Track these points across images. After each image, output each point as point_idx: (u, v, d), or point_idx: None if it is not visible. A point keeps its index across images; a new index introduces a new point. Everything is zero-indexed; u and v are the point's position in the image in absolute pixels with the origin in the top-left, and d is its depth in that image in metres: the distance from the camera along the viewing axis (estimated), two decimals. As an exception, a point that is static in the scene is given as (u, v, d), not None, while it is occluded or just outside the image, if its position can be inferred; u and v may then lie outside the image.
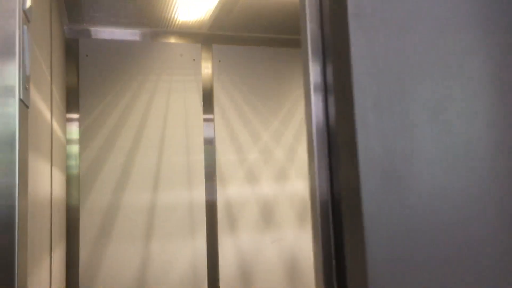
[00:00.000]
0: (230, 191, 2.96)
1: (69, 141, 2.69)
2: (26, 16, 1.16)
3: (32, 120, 1.36)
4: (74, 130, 2.71)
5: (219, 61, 3.02)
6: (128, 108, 2.81)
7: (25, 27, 1.14)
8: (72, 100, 2.72)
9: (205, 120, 2.96)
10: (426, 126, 0.84)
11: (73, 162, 2.69)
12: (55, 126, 2.16)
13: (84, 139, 2.72)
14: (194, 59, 2.96)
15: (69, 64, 2.73)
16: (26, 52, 1.16)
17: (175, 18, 2.74)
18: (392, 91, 0.85)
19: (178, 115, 2.90)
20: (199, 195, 2.89)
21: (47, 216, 1.74)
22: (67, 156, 2.68)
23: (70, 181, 2.67)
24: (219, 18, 2.77)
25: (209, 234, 2.89)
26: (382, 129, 0.84)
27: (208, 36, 3.01)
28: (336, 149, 0.96)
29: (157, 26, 2.86)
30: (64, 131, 2.63)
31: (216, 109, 2.99)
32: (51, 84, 1.99)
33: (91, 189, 2.70)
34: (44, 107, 1.72)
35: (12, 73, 1.06)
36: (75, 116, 2.72)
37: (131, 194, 2.76)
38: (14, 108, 1.05)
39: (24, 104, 1.14)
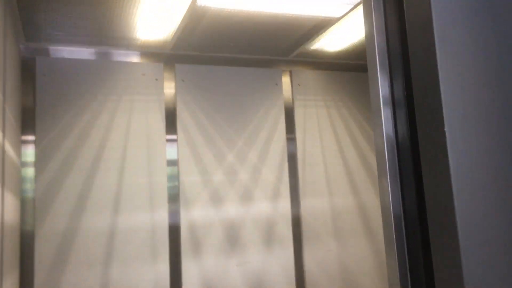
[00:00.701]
0: (194, 213, 2.89)
1: (24, 164, 2.58)
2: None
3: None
4: (29, 153, 2.60)
5: (183, 80, 2.98)
6: (88, 128, 2.72)
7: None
8: (28, 121, 2.62)
9: (168, 140, 2.90)
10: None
11: (28, 186, 2.57)
12: (8, 148, 2.06)
13: (40, 162, 2.61)
14: (156, 79, 2.91)
15: (25, 83, 2.64)
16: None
17: (137, 37, 2.70)
18: (479, 109, 0.84)
19: (140, 136, 2.83)
20: (162, 217, 2.80)
21: (-5, 242, 1.64)
22: (22, 180, 2.56)
23: (25, 205, 2.55)
24: (182, 38, 2.74)
25: (172, 257, 2.80)
26: (471, 145, 0.83)
27: (171, 56, 2.97)
28: (409, 165, 0.96)
29: (118, 45, 2.81)
30: (19, 153, 2.51)
31: (179, 129, 2.93)
32: (3, 103, 1.90)
33: (47, 213, 2.58)
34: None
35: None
36: (31, 137, 2.61)
37: (89, 217, 2.65)
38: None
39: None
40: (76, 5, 2.25)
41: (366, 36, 1.08)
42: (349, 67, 3.48)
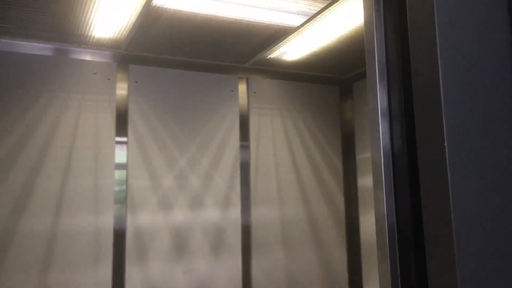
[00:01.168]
0: (141, 218, 2.82)
1: (-39, 159, 2.44)
2: None
3: None
4: (-32, 148, 2.47)
5: (136, 82, 2.92)
6: (32, 126, 2.61)
7: None
8: (-33, 114, 2.49)
9: (118, 142, 2.82)
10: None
11: (-35, 183, 2.43)
12: None
13: (-21, 158, 2.48)
14: (109, 79, 2.84)
15: (-33, 75, 2.51)
16: None
17: (90, 34, 2.62)
18: (481, 124, 0.84)
19: (88, 136, 2.74)
20: (107, 221, 2.72)
21: None
22: (-42, 176, 2.43)
23: (-40, 203, 2.41)
24: (137, 38, 2.68)
25: (115, 263, 2.71)
26: (474, 157, 0.82)
27: (125, 56, 2.90)
28: (404, 177, 0.96)
29: (70, 42, 2.72)
30: (-44, 148, 2.38)
31: (130, 131, 2.86)
32: None
33: (-17, 213, 2.45)
34: None
35: None
36: (-30, 132, 2.48)
37: (29, 219, 2.54)
38: None
39: None
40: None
41: (366, 47, 1.09)
42: (305, 78, 3.51)
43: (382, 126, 1.02)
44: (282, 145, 3.33)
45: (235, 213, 3.08)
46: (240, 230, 3.09)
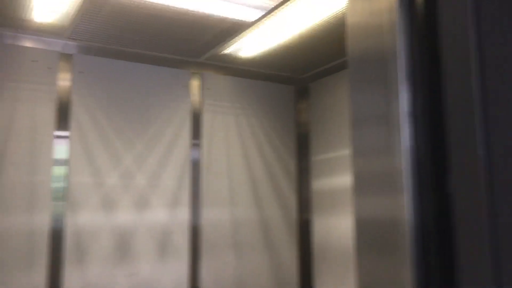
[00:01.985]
0: (81, 218, 2.63)
1: None
2: None
3: None
4: None
5: (81, 72, 2.73)
6: (-38, 115, 2.39)
7: None
8: None
9: (59, 137, 2.63)
10: None
11: None
12: None
13: None
14: (49, 68, 2.64)
15: None
16: None
17: (31, 19, 2.42)
18: None
19: (24, 129, 2.53)
20: (43, 221, 2.52)
21: None
22: None
23: None
24: (83, 26, 2.50)
25: (51, 265, 2.52)
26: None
27: (69, 44, 2.71)
28: (426, 181, 0.90)
29: (8, 26, 2.51)
30: None
31: (72, 125, 2.68)
32: None
33: None
34: None
35: None
36: None
37: (-45, 217, 2.32)
38: None
39: None
40: (-46, -27, 1.95)
41: (386, 39, 1.00)
42: (260, 76, 3.41)
43: (404, 127, 0.97)
44: (235, 144, 3.22)
45: (184, 214, 2.95)
46: (188, 232, 2.95)
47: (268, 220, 3.29)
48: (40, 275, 2.48)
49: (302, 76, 3.55)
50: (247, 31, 2.60)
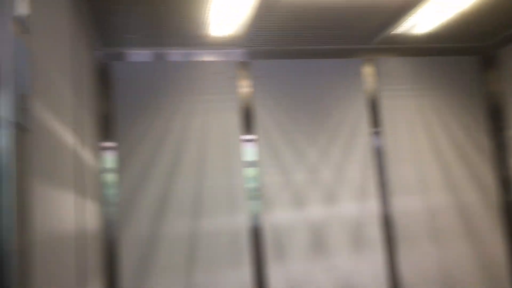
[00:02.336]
0: (275, 216, 2.74)
1: (106, 170, 2.58)
2: (23, 26, 1.01)
3: (45, 146, 1.22)
4: (111, 158, 2.59)
5: (258, 77, 2.85)
6: (164, 132, 2.68)
7: (22, 39, 0.99)
8: (107, 127, 2.62)
9: (246, 140, 2.78)
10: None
11: (111, 191, 2.56)
12: (87, 154, 2.04)
13: (121, 167, 2.60)
14: (231, 77, 2.81)
15: (102, 89, 2.64)
16: (25, 68, 1.01)
17: (208, 35, 2.61)
18: None
19: (216, 137, 2.74)
20: (241, 220, 2.69)
21: (71, 250, 1.59)
22: (105, 186, 2.56)
23: (107, 211, 2.55)
24: (255, 33, 2.60)
25: (254, 263, 2.68)
26: None
27: (245, 52, 2.85)
28: None
29: (191, 45, 2.74)
30: (99, 159, 2.51)
31: (257, 128, 2.81)
32: (78, 109, 1.87)
33: (130, 219, 2.57)
34: (67, 134, 1.58)
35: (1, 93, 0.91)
36: (111, 144, 2.61)
37: (171, 222, 2.60)
38: (4, 131, 0.90)
39: (22, 127, 0.98)
40: (146, 6, 2.19)
41: None
42: (439, 51, 3.15)
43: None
44: (419, 127, 3.03)
45: (372, 205, 2.87)
46: (379, 223, 2.87)
47: (465, 206, 3.02)
48: (245, 272, 2.65)
49: (487, 43, 3.19)
50: (420, 4, 2.42)
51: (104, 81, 2.65)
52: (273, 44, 2.83)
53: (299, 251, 2.74)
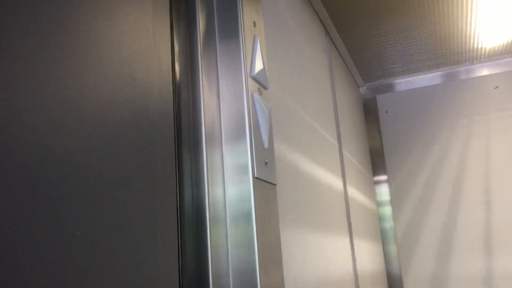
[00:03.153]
0: None
1: (380, 204, 2.52)
2: (259, 83, 1.08)
3: (308, 195, 1.25)
4: (384, 191, 2.53)
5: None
6: (439, 160, 2.45)
7: (258, 96, 1.05)
8: (377, 161, 2.57)
9: (544, 161, 2.30)
10: None
11: (388, 225, 2.48)
12: (358, 194, 2.03)
13: (395, 201, 2.50)
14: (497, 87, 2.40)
15: (369, 124, 2.62)
16: (262, 125, 1.07)
17: (478, 48, 2.31)
18: None
19: (502, 161, 2.35)
20: (551, 260, 2.20)
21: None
22: (380, 219, 2.50)
23: (387, 247, 2.46)
24: (538, 31, 2.17)
25: None
26: None
27: (529, 57, 2.40)
28: None
29: (458, 62, 2.48)
30: (374, 196, 2.48)
31: (557, 144, 2.30)
32: (358, 148, 1.89)
33: (410, 256, 2.42)
34: (333, 178, 1.60)
35: (243, 150, 0.98)
36: (383, 177, 2.55)
37: (457, 260, 2.33)
38: (248, 186, 0.96)
39: (264, 181, 1.03)
40: (405, 31, 2.10)
41: None
42: None
43: None
44: None
45: None
46: None
47: None
48: None
49: None
50: None
51: (371, 115, 2.63)
52: None
53: None
